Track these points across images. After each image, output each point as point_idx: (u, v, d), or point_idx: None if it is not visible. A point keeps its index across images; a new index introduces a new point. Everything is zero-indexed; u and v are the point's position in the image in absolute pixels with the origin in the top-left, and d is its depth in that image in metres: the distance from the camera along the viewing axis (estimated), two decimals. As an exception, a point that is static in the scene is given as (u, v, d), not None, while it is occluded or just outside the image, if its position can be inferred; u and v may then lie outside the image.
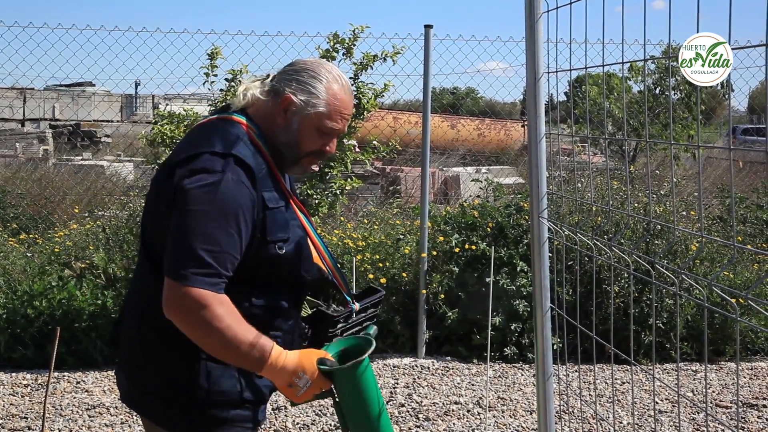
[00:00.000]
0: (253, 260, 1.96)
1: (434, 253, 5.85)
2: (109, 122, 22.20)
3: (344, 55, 5.96)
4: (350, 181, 6.11)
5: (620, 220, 5.83)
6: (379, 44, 14.85)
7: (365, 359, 1.93)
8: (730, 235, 6.85)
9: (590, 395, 4.94)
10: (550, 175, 3.16)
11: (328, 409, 4.68)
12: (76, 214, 7.96)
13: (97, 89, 24.35)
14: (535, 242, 2.60)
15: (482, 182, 7.38)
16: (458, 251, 5.76)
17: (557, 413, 4.36)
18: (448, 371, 5.42)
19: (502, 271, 5.61)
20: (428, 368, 5.46)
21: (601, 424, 4.52)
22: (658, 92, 12.41)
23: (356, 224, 7.21)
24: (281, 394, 1.88)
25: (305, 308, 2.21)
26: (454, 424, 4.52)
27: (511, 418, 4.63)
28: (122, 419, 4.53)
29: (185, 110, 6.03)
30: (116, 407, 4.68)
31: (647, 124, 9.61)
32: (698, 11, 1.91)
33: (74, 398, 4.84)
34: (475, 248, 5.72)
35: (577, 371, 4.99)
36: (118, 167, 11.55)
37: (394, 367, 5.48)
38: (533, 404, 4.79)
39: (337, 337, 2.13)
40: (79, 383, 5.08)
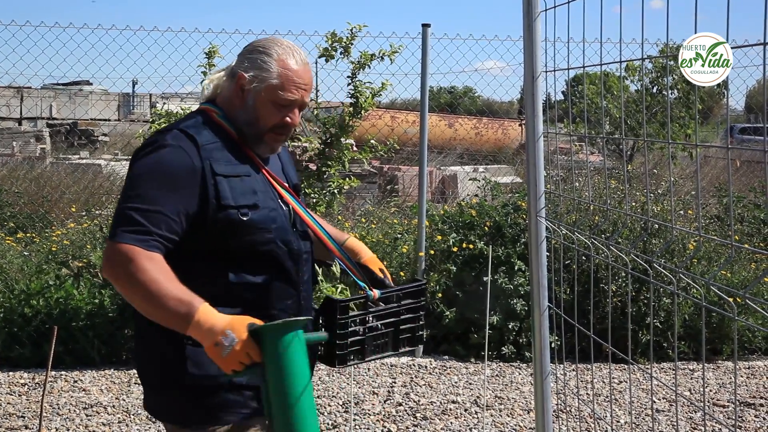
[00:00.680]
0: (214, 227, 1.98)
1: (432, 252, 5.85)
2: (106, 121, 22.13)
3: (342, 54, 5.97)
4: (348, 180, 6.11)
5: (618, 219, 5.84)
6: (376, 43, 14.75)
7: (297, 330, 1.86)
8: (727, 234, 6.85)
9: (588, 394, 4.94)
10: (547, 174, 3.16)
11: (325, 408, 4.68)
12: (73, 212, 7.95)
13: (94, 88, 24.27)
14: (532, 241, 2.60)
15: (480, 181, 7.39)
16: (456, 250, 5.76)
17: (555, 412, 4.36)
18: (445, 370, 5.42)
19: (499, 270, 5.62)
20: (426, 367, 5.46)
21: (598, 423, 4.52)
22: (655, 91, 12.43)
23: (354, 223, 7.21)
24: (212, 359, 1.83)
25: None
26: (451, 423, 4.52)
27: (508, 417, 4.64)
28: (119, 418, 4.53)
29: (182, 109, 6.04)
30: (113, 406, 4.68)
31: (645, 123, 9.62)
32: (696, 11, 1.92)
33: (71, 397, 4.83)
34: (472, 247, 5.72)
35: (574, 370, 5.00)
36: (115, 166, 11.53)
37: (391, 366, 5.48)
38: (531, 403, 4.80)
39: (355, 327, 2.04)
40: (76, 382, 5.08)
